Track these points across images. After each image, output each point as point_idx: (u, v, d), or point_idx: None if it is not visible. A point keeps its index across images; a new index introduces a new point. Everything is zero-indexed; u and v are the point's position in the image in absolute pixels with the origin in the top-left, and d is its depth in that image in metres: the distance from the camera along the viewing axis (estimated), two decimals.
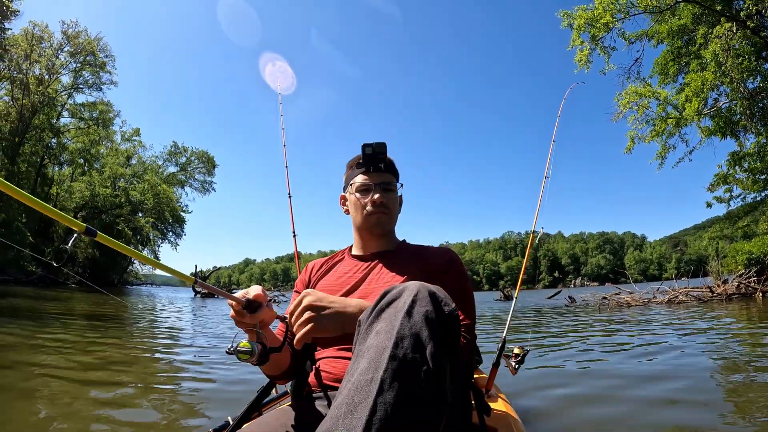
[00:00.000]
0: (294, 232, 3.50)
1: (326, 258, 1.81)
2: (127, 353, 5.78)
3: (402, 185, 1.73)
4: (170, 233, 54.55)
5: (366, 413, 0.76)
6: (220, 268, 51.45)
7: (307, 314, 1.18)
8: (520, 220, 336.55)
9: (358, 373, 0.84)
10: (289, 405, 1.46)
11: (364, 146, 1.60)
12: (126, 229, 48.97)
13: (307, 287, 1.71)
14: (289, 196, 3.58)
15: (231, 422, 1.58)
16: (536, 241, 3.44)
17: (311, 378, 1.52)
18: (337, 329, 1.19)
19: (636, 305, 15.83)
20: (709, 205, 20.34)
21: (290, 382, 1.65)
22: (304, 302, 1.21)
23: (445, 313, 0.92)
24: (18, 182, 36.49)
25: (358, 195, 1.65)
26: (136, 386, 3.97)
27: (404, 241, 1.79)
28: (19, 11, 23.17)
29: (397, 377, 0.80)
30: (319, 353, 1.56)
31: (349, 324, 1.17)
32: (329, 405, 1.34)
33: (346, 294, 1.57)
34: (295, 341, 1.19)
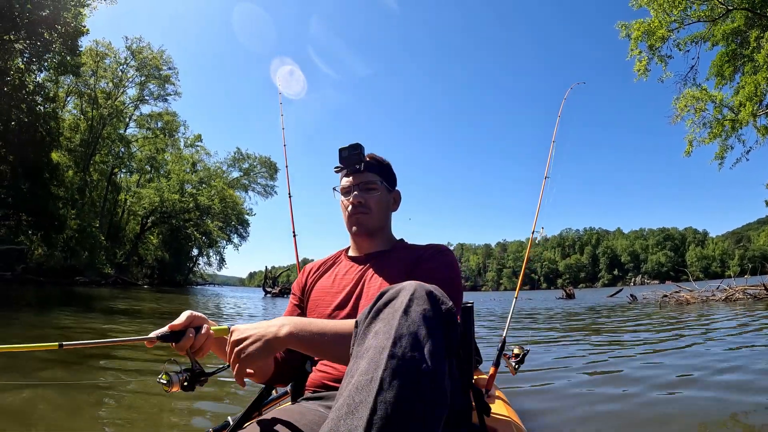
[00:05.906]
0: (294, 232, 3.49)
1: (323, 260, 1.82)
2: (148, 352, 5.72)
3: (389, 181, 1.74)
4: (234, 235, 56.60)
5: (367, 413, 0.77)
6: (288, 268, 52.71)
7: (235, 351, 1.18)
8: (579, 215, 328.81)
9: (358, 374, 0.84)
10: (289, 405, 1.48)
11: (340, 150, 1.65)
12: (195, 233, 50.91)
13: (304, 290, 1.74)
14: (290, 196, 3.60)
15: (231, 422, 1.59)
16: (536, 242, 3.59)
17: (311, 378, 1.54)
18: (264, 354, 1.17)
19: (695, 303, 16.05)
20: None
21: (290, 383, 1.69)
22: (230, 342, 1.20)
23: (443, 312, 0.93)
24: (90, 190, 38.47)
25: (342, 198, 1.70)
26: (138, 385, 3.97)
27: (401, 240, 1.78)
28: (87, 29, 24.64)
29: (396, 376, 0.81)
30: None
31: (274, 344, 1.17)
32: (329, 405, 1.35)
33: (344, 294, 1.60)
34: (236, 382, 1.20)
